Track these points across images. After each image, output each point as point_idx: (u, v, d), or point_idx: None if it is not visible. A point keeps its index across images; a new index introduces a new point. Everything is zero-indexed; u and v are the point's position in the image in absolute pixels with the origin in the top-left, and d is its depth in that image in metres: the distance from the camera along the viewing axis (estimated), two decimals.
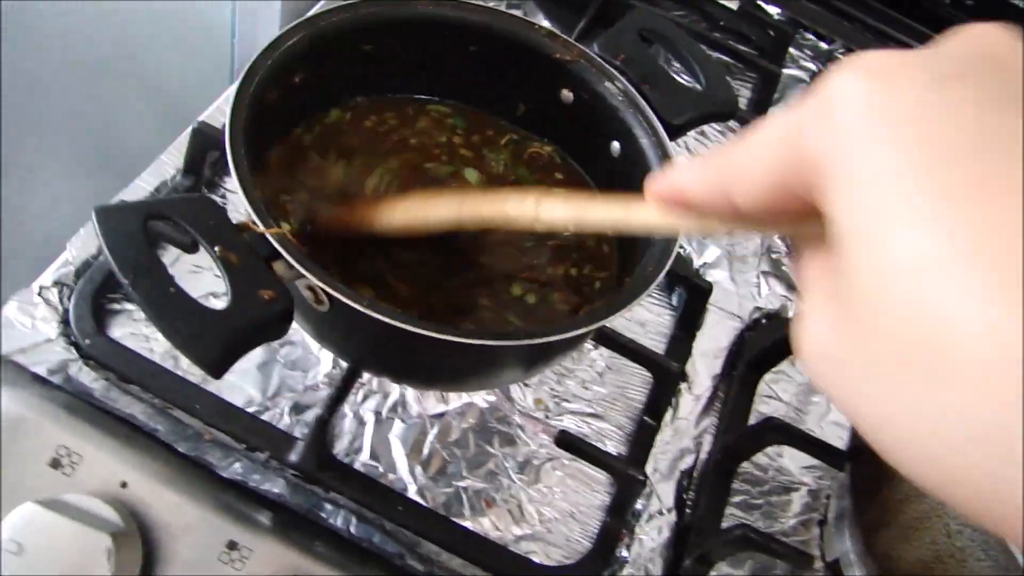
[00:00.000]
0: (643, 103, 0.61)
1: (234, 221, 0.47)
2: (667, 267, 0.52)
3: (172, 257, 0.66)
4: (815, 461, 0.71)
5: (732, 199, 0.30)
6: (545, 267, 0.61)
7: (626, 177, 0.62)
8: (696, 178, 0.32)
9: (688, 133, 0.68)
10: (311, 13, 0.57)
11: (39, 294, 0.63)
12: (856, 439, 0.69)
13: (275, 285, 0.45)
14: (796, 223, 0.29)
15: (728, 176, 0.30)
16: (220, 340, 0.42)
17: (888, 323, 0.23)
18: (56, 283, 0.63)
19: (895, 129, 0.24)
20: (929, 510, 0.57)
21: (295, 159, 0.61)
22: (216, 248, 0.45)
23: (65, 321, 0.62)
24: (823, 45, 1.08)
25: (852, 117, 0.25)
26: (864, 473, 0.66)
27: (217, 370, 0.43)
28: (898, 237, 0.23)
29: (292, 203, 0.58)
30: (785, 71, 1.02)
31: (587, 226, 0.44)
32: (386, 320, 0.45)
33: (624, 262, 0.61)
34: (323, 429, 0.59)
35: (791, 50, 1.05)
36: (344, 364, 0.63)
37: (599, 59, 0.63)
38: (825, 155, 0.25)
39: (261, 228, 0.46)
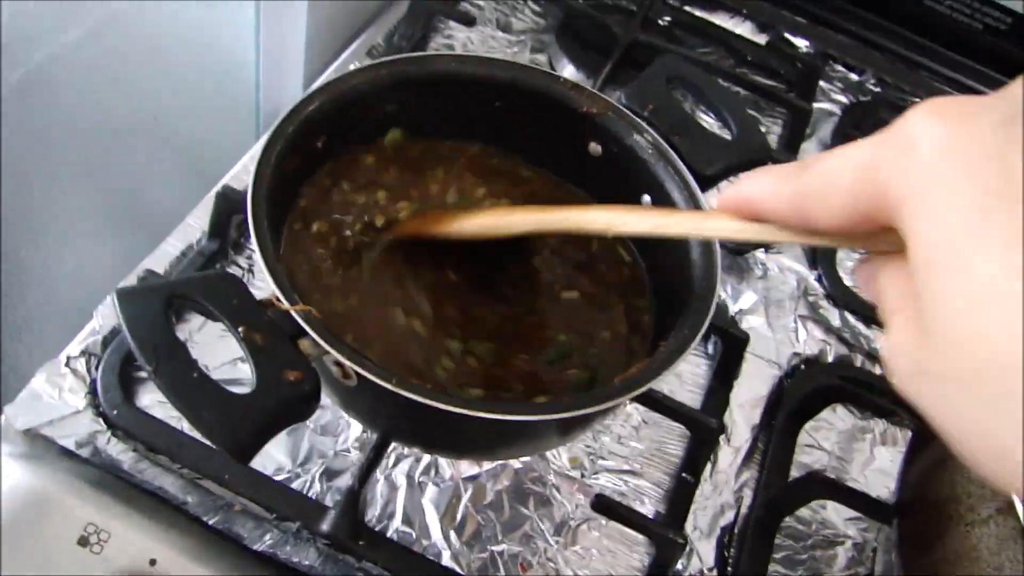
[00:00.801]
0: (673, 155, 0.60)
1: (257, 296, 0.46)
2: (703, 329, 0.51)
3: (199, 323, 0.66)
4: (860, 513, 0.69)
5: (807, 217, 0.32)
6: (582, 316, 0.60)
7: None
8: (770, 192, 0.33)
9: None
10: (330, 76, 0.57)
11: (66, 364, 0.62)
12: (904, 492, 0.67)
13: (301, 365, 0.44)
14: (868, 239, 0.31)
15: (803, 197, 0.32)
16: (246, 426, 0.42)
17: (957, 347, 0.25)
18: (83, 352, 0.63)
19: (977, 167, 0.25)
20: (984, 574, 0.54)
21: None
22: (240, 329, 0.44)
23: (93, 391, 0.62)
24: (853, 76, 1.06)
25: (934, 155, 0.26)
26: (913, 529, 0.63)
27: (244, 456, 0.42)
28: (974, 268, 0.25)
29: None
30: (815, 104, 1.00)
31: (662, 235, 0.44)
32: (415, 398, 0.44)
33: (660, 320, 0.59)
34: (354, 500, 0.57)
35: (821, 83, 1.03)
36: None
37: (627, 111, 0.61)
38: (907, 190, 0.27)
39: (286, 305, 0.45)
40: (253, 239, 0.47)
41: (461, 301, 0.58)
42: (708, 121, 0.87)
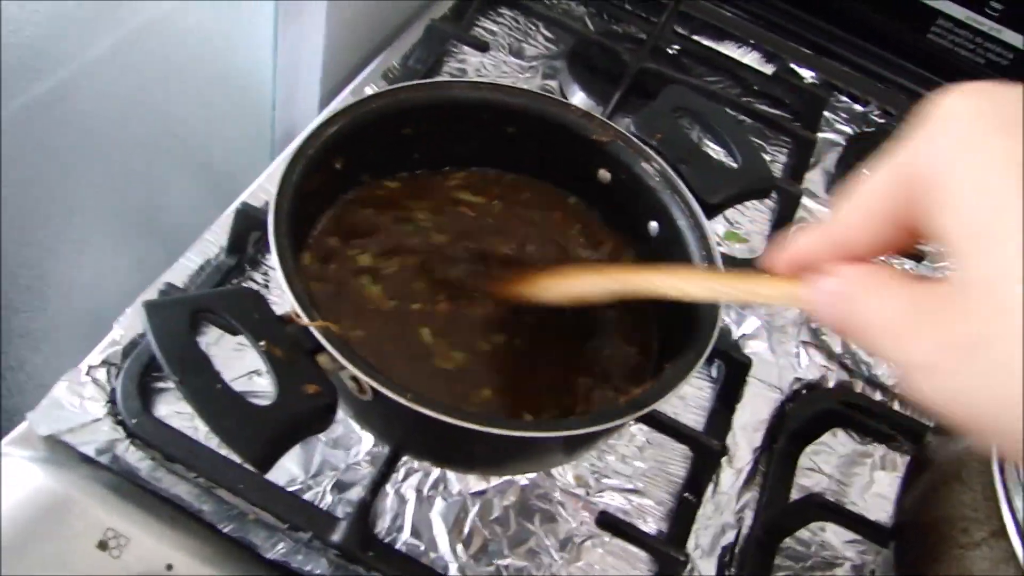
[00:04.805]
0: (680, 183, 0.62)
1: (278, 312, 0.48)
2: (706, 353, 0.53)
3: (216, 336, 0.68)
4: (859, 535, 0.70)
5: (849, 243, 0.33)
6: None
7: (664, 256, 0.62)
8: (812, 239, 0.35)
9: None
10: (346, 98, 0.58)
11: (87, 374, 0.64)
12: (901, 515, 0.68)
13: (319, 379, 0.46)
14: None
15: (843, 225, 0.33)
16: (265, 436, 0.43)
17: (1001, 339, 0.25)
18: (104, 362, 0.65)
19: (1011, 125, 0.26)
20: None
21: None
22: (261, 343, 0.46)
23: (112, 400, 0.63)
24: (858, 107, 1.08)
25: (964, 126, 0.27)
26: (909, 551, 0.65)
27: (263, 466, 0.44)
28: (1009, 241, 0.25)
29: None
30: (820, 134, 1.02)
31: (722, 299, 0.46)
32: (429, 414, 0.46)
33: (663, 343, 0.61)
34: (365, 511, 0.59)
35: (825, 113, 1.05)
36: None
37: (635, 139, 0.63)
38: (939, 166, 0.28)
39: (305, 321, 0.47)
40: (274, 254, 0.49)
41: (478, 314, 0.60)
42: (714, 150, 0.89)
